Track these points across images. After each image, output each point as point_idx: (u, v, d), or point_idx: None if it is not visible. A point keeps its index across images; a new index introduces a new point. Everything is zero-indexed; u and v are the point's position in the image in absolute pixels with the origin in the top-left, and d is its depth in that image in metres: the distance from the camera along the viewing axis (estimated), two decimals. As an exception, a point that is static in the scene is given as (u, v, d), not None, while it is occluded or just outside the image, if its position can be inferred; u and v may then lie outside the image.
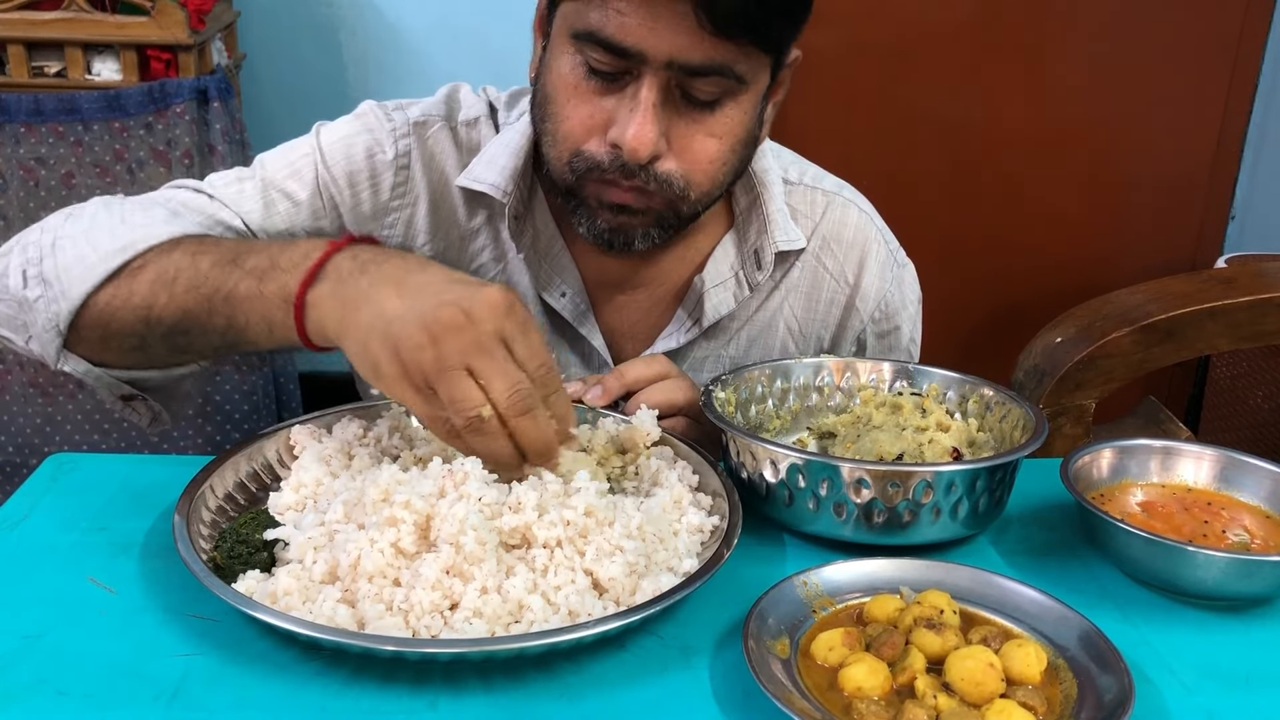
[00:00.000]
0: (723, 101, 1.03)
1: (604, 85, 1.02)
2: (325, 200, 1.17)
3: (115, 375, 1.05)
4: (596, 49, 0.99)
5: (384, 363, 0.87)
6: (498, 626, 0.80)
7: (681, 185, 1.05)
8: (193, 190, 1.15)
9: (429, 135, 1.20)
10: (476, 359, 0.85)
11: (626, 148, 1.01)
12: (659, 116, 1.01)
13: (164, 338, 1.00)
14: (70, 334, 1.01)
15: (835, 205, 1.26)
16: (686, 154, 1.04)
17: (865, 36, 2.66)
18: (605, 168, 1.04)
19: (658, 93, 1.00)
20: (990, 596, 0.87)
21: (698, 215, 1.11)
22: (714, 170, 1.06)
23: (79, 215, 1.06)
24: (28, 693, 0.77)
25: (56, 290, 1.00)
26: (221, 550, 0.88)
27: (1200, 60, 2.70)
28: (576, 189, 1.08)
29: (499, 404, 0.86)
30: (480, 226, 1.22)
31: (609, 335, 1.25)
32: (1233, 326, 1.89)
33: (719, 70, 1.00)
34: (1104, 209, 2.82)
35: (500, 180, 1.16)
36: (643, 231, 1.09)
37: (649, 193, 1.05)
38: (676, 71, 0.99)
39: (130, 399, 1.09)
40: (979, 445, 1.08)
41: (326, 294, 0.92)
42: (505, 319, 0.87)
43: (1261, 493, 1.01)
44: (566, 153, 1.06)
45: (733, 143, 1.06)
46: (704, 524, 0.94)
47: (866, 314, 1.27)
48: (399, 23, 2.75)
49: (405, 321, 0.86)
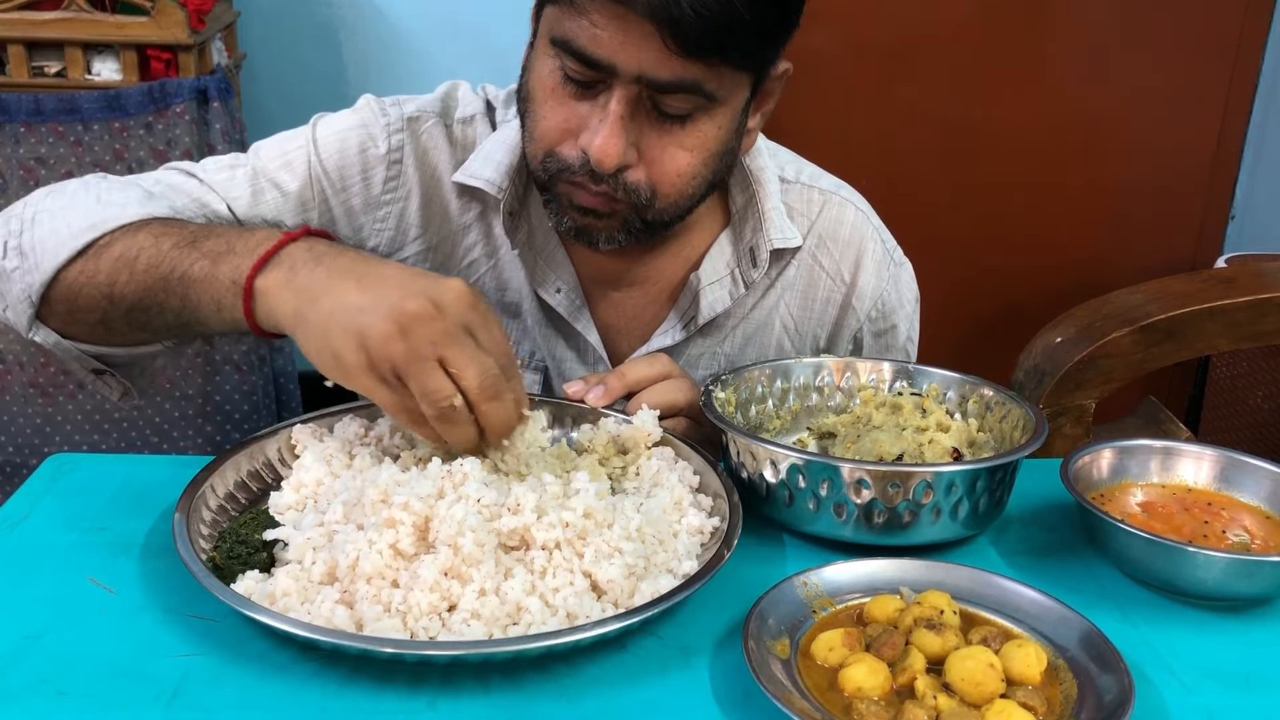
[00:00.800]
0: (695, 116, 1.04)
1: (578, 91, 1.03)
2: (315, 192, 1.18)
3: (83, 349, 1.08)
4: (571, 58, 1.01)
5: (347, 353, 0.87)
6: (495, 628, 0.80)
7: (648, 195, 1.06)
8: (185, 173, 1.17)
9: (422, 131, 1.21)
10: (448, 349, 0.87)
11: (593, 158, 1.02)
12: (627, 128, 1.02)
13: (125, 315, 1.02)
14: (42, 306, 1.04)
15: (832, 204, 1.27)
16: (656, 165, 1.05)
17: (865, 36, 2.66)
18: (575, 170, 1.05)
19: (626, 105, 1.01)
20: (990, 597, 0.87)
21: (667, 224, 1.12)
22: (682, 183, 1.07)
23: (60, 191, 1.09)
24: (28, 693, 0.77)
25: (31, 262, 1.03)
26: (221, 550, 0.88)
27: (1200, 60, 2.70)
28: (549, 185, 1.09)
29: (470, 391, 0.88)
30: (472, 223, 1.22)
31: (604, 332, 1.25)
32: (1233, 326, 1.89)
33: (687, 88, 1.00)
34: (1104, 209, 2.82)
35: (495, 176, 1.17)
36: (606, 234, 1.11)
37: (615, 199, 1.07)
38: (646, 86, 1.00)
39: (100, 373, 1.11)
40: (979, 445, 1.08)
41: (279, 282, 0.93)
42: (470, 310, 0.89)
43: (1261, 493, 1.02)
44: (541, 151, 1.07)
45: (704, 156, 1.07)
46: (704, 525, 0.94)
47: (863, 313, 1.28)
48: (399, 23, 2.75)
49: (372, 313, 0.87)
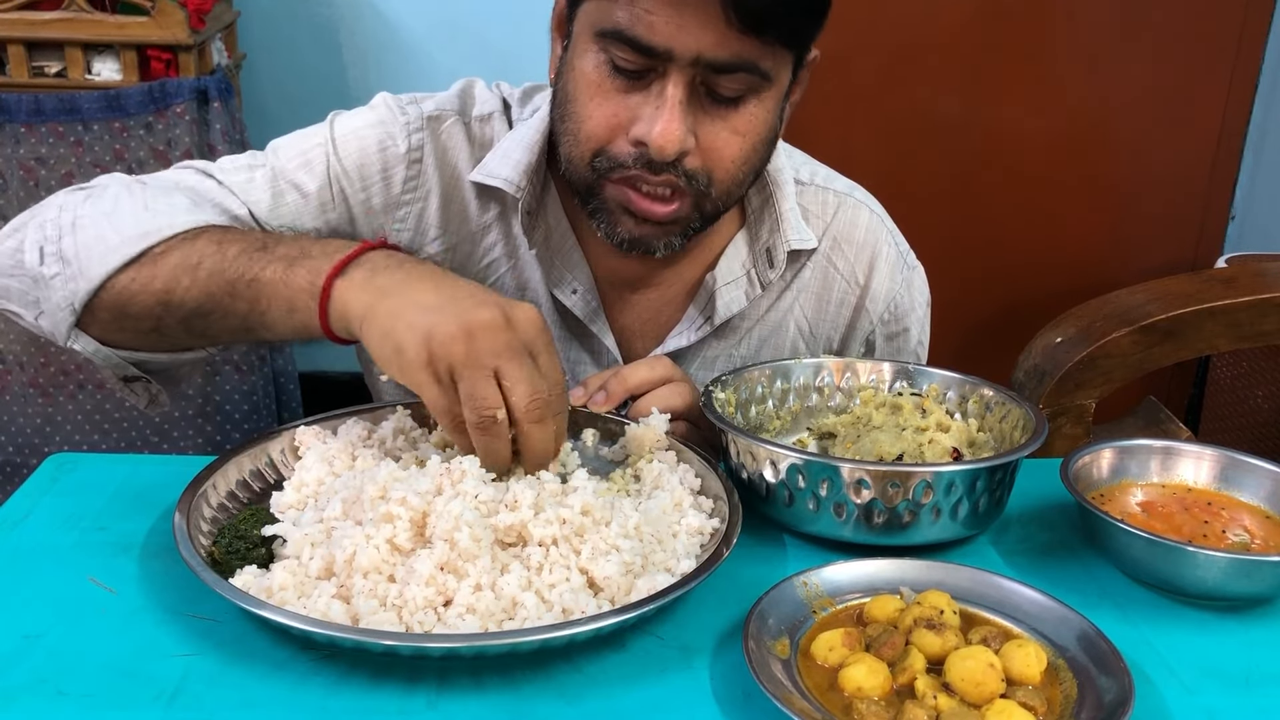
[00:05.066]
0: (747, 98, 1.03)
1: (628, 83, 1.02)
2: (335, 192, 1.16)
3: (123, 356, 1.06)
4: (623, 47, 1.00)
5: (410, 347, 0.88)
6: (491, 623, 0.80)
7: (705, 182, 1.05)
8: (201, 173, 1.15)
9: (442, 130, 1.19)
10: (506, 362, 0.88)
11: (654, 144, 1.01)
12: (685, 113, 1.01)
13: (182, 321, 1.01)
14: (84, 314, 1.02)
15: (846, 206, 1.27)
16: (712, 151, 1.04)
17: (865, 36, 2.66)
18: (629, 166, 1.04)
19: (684, 89, 1.00)
20: (990, 597, 0.87)
21: (719, 215, 1.12)
22: (735, 168, 1.07)
23: (100, 195, 1.07)
24: (28, 693, 0.77)
25: (75, 269, 1.01)
26: (220, 546, 0.88)
27: (1200, 60, 2.70)
28: (597, 189, 1.08)
29: (517, 408, 0.88)
30: (492, 223, 1.21)
31: (620, 333, 1.25)
32: (1233, 326, 1.89)
33: (745, 67, 1.00)
34: (1104, 209, 2.82)
35: (514, 175, 1.16)
36: (665, 242, 1.10)
37: (679, 192, 1.05)
38: (702, 69, 0.99)
39: (132, 380, 1.10)
40: (979, 445, 1.08)
41: (357, 282, 0.94)
42: (537, 334, 0.90)
43: (1261, 493, 1.01)
44: (589, 152, 1.06)
45: (755, 141, 1.06)
46: (704, 526, 0.94)
47: (875, 315, 1.27)
48: (399, 23, 2.75)
49: (443, 312, 0.88)
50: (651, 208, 1.06)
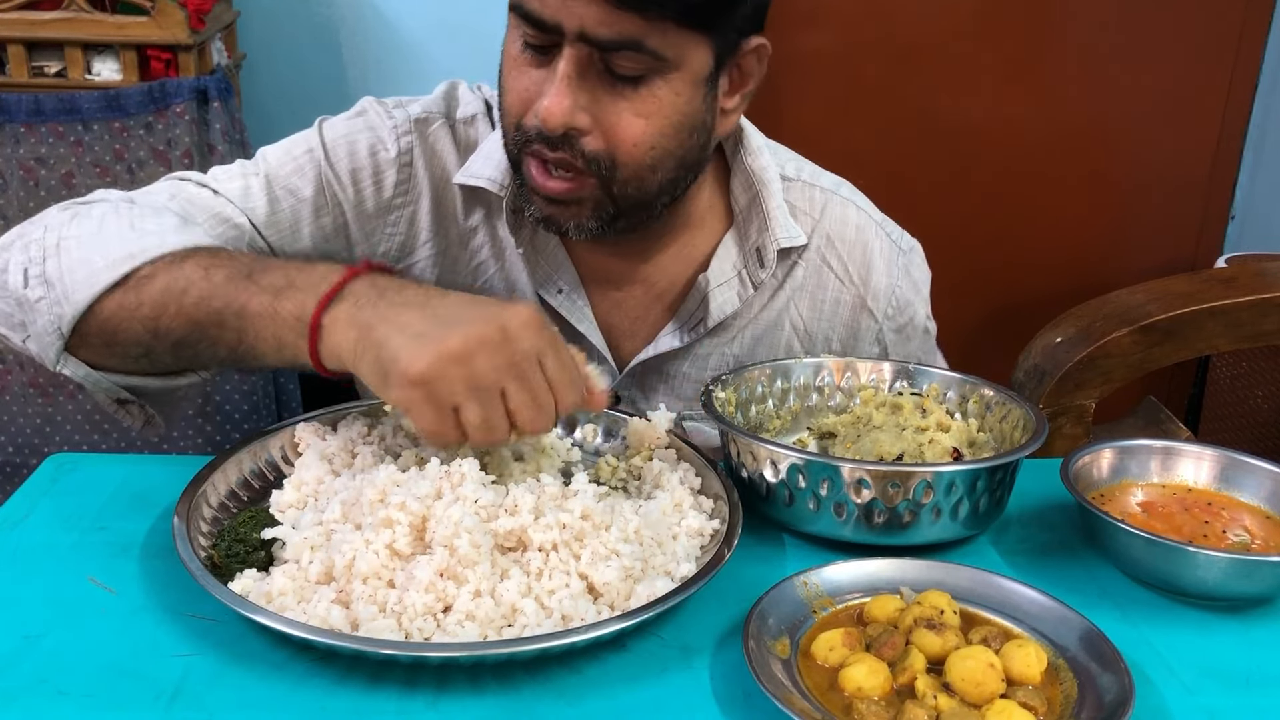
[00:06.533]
0: (649, 79, 1.02)
1: (536, 59, 1.03)
2: (329, 197, 1.17)
3: (115, 380, 1.03)
4: (524, 21, 1.01)
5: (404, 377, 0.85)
6: (490, 630, 0.80)
7: (608, 164, 1.04)
8: (196, 184, 1.14)
9: (430, 132, 1.20)
10: (510, 381, 0.86)
11: (539, 117, 1.01)
12: (575, 88, 1.01)
13: (171, 349, 0.99)
14: (72, 338, 0.99)
15: (834, 204, 1.26)
16: (613, 132, 1.03)
17: (865, 36, 2.66)
18: (532, 139, 1.04)
19: (574, 65, 1.00)
20: (990, 597, 0.87)
21: (643, 202, 1.09)
22: (639, 152, 1.05)
23: (85, 215, 1.03)
24: (28, 693, 0.77)
25: (59, 293, 0.98)
26: (219, 549, 0.88)
27: (1200, 60, 2.70)
28: (519, 165, 1.08)
29: (523, 428, 0.88)
30: (479, 224, 1.22)
31: (607, 333, 1.25)
32: (1233, 326, 1.89)
33: (630, 45, 0.99)
34: (1104, 209, 2.82)
35: (497, 174, 1.17)
36: (575, 223, 1.09)
37: (578, 173, 1.05)
38: (592, 45, 0.99)
39: (125, 403, 1.07)
40: (979, 445, 1.08)
41: (343, 317, 0.90)
42: (538, 337, 0.88)
43: (1261, 493, 1.01)
44: (510, 126, 1.07)
45: (662, 125, 1.04)
46: (704, 527, 0.94)
47: (880, 313, 1.27)
48: (399, 23, 2.75)
49: (433, 339, 0.85)
50: (545, 183, 1.06)
